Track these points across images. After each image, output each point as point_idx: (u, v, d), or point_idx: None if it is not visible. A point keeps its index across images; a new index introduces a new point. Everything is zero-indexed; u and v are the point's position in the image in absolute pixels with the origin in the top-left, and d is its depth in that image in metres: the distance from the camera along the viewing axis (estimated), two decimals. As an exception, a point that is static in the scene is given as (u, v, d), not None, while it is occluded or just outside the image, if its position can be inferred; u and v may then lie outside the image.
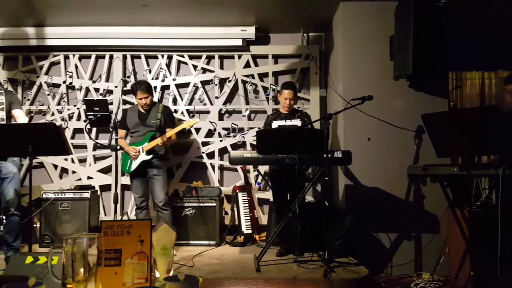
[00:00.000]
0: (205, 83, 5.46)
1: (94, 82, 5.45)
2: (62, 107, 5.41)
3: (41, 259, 2.23)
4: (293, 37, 5.51)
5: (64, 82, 5.44)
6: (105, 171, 5.34)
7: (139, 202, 4.39)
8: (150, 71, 5.44)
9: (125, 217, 4.93)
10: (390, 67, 4.31)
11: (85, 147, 5.40)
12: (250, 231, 4.77)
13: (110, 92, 5.42)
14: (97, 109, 4.32)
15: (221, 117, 5.44)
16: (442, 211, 4.00)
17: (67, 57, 5.48)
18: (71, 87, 5.47)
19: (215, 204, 4.70)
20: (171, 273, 1.59)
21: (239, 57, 5.44)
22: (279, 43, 5.54)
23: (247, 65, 5.44)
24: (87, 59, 5.49)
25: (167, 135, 4.26)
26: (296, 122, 4.20)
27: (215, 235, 4.65)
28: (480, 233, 3.18)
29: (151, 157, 4.29)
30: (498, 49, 4.64)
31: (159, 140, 4.24)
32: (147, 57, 5.47)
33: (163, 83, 5.42)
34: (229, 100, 5.46)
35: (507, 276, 2.64)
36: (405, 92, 4.38)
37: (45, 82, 5.44)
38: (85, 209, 4.56)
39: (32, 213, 3.68)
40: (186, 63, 5.47)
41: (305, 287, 3.17)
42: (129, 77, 5.44)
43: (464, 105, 4.66)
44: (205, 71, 5.48)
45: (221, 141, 5.35)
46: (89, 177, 5.33)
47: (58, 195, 4.59)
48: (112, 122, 4.23)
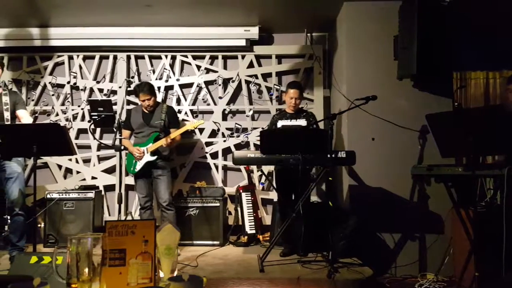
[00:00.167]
0: (208, 83, 5.46)
1: (98, 82, 5.47)
2: (66, 108, 5.43)
3: (45, 259, 2.25)
4: (296, 37, 5.50)
5: (68, 82, 5.46)
6: (109, 171, 5.35)
7: (143, 202, 4.40)
8: (154, 72, 5.45)
9: (129, 217, 4.93)
10: (394, 67, 4.29)
11: (89, 147, 5.42)
12: (253, 231, 4.77)
13: (114, 92, 5.44)
14: (101, 109, 4.33)
15: (224, 117, 5.44)
16: (446, 212, 3.99)
17: (71, 58, 5.50)
18: (75, 87, 5.49)
19: (218, 204, 4.71)
20: (175, 273, 1.59)
21: (243, 57, 5.44)
22: (282, 43, 5.53)
23: (251, 65, 5.44)
24: (91, 60, 5.51)
25: (171, 136, 4.26)
26: (301, 122, 4.20)
27: (219, 235, 4.65)
28: (485, 233, 3.16)
29: (155, 158, 4.30)
30: (502, 48, 4.62)
31: (164, 141, 4.25)
32: (151, 58, 5.48)
33: (167, 84, 5.43)
34: (232, 100, 5.46)
35: (512, 276, 2.63)
36: (409, 92, 4.36)
37: (50, 82, 5.46)
38: (89, 209, 4.57)
39: (36, 213, 3.69)
40: (189, 64, 5.48)
41: (309, 288, 3.17)
42: (133, 77, 5.45)
43: (468, 105, 4.65)
44: (208, 71, 5.48)
45: (224, 141, 5.35)
46: (93, 177, 5.34)
47: (62, 195, 4.60)
48: (116, 122, 4.25)
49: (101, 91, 5.47)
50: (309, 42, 5.49)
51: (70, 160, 5.35)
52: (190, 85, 5.46)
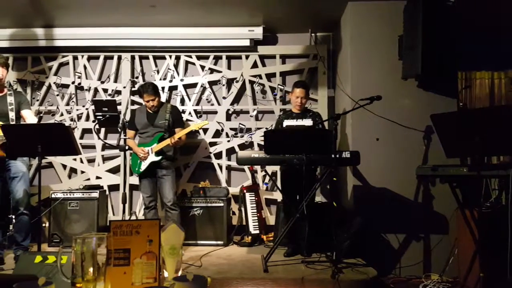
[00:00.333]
0: (212, 83, 5.46)
1: (102, 82, 5.48)
2: (71, 108, 5.45)
3: (50, 258, 2.25)
4: (301, 37, 5.49)
5: (73, 82, 5.47)
6: (114, 171, 5.36)
7: (147, 202, 4.40)
8: (158, 72, 5.46)
9: (133, 217, 4.95)
10: (398, 67, 4.27)
11: (93, 147, 5.43)
12: (257, 232, 4.77)
13: (118, 92, 5.45)
14: (106, 109, 4.35)
15: (228, 118, 5.44)
16: (451, 212, 3.97)
17: (75, 58, 5.52)
18: (79, 87, 5.50)
19: (222, 204, 4.71)
20: (180, 273, 1.59)
21: (247, 57, 5.44)
22: (286, 43, 5.52)
23: (255, 66, 5.44)
24: (96, 60, 5.52)
25: (176, 136, 4.27)
26: (307, 121, 4.19)
27: (223, 235, 4.66)
28: (489, 234, 3.15)
29: (160, 158, 4.31)
30: (507, 48, 4.61)
31: (168, 141, 4.25)
32: (155, 58, 5.49)
33: (171, 84, 5.44)
34: (236, 100, 5.46)
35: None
36: (414, 92, 4.35)
37: (54, 82, 5.48)
38: (93, 208, 4.59)
39: (41, 212, 3.71)
40: (193, 64, 5.48)
41: (313, 288, 3.16)
42: (137, 77, 5.46)
43: (473, 105, 4.63)
44: (212, 71, 5.49)
45: (228, 141, 5.35)
46: (98, 177, 5.35)
47: (67, 194, 4.62)
48: (120, 122, 4.26)
49: (105, 91, 5.48)
50: (313, 42, 5.48)
51: (74, 160, 5.37)
52: (194, 85, 5.46)
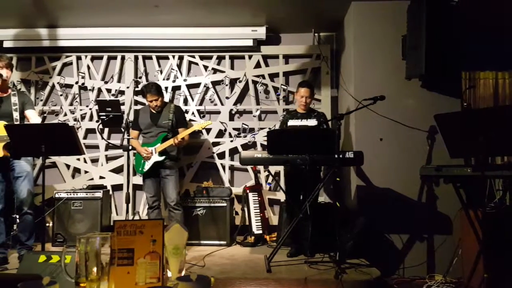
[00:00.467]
0: (215, 83, 5.47)
1: (106, 82, 5.50)
2: (74, 108, 5.46)
3: (54, 258, 2.26)
4: (304, 37, 5.49)
5: (76, 82, 5.49)
6: (117, 171, 5.38)
7: (151, 201, 4.41)
8: (161, 72, 5.47)
9: (137, 217, 4.96)
10: (402, 67, 4.27)
11: (97, 147, 5.44)
12: (260, 232, 4.77)
13: (122, 92, 5.46)
14: (109, 109, 4.35)
15: (231, 118, 5.44)
16: (455, 212, 3.96)
17: (79, 58, 5.53)
18: (83, 87, 5.52)
19: (225, 204, 4.71)
20: (183, 273, 1.59)
21: (250, 57, 5.44)
22: (289, 43, 5.52)
23: (258, 66, 5.44)
24: (99, 60, 5.54)
25: (179, 136, 4.27)
26: (312, 122, 4.19)
27: (226, 235, 4.66)
28: (494, 234, 3.14)
29: (163, 158, 4.31)
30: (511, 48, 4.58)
31: (172, 141, 4.26)
32: (158, 58, 5.50)
33: (174, 84, 5.44)
34: (239, 100, 5.46)
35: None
36: (418, 92, 4.33)
37: (58, 82, 5.49)
38: (97, 208, 4.60)
39: (45, 212, 3.71)
40: (197, 64, 5.49)
41: (316, 288, 3.16)
42: (141, 77, 5.47)
43: (477, 105, 4.61)
44: (215, 71, 5.49)
45: (231, 141, 5.35)
46: (101, 177, 5.37)
47: (70, 194, 4.63)
48: (124, 122, 4.26)
49: (109, 91, 5.49)
50: (316, 42, 5.47)
51: (78, 159, 5.38)
52: (197, 85, 5.47)
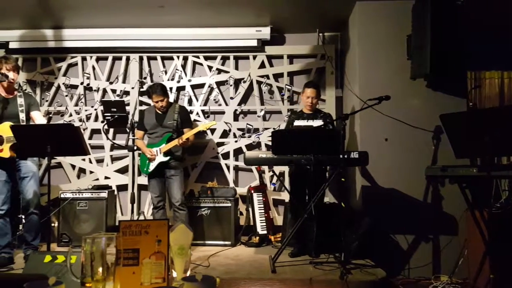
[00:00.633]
0: (220, 83, 5.47)
1: (111, 83, 5.51)
2: (79, 108, 5.48)
3: (59, 258, 2.27)
4: (308, 37, 5.48)
5: (81, 83, 5.51)
6: (122, 171, 5.39)
7: (156, 202, 4.42)
8: (166, 72, 5.48)
9: (142, 217, 4.96)
10: (407, 66, 4.25)
11: (102, 147, 5.46)
12: (265, 232, 4.76)
13: (127, 93, 5.47)
14: (114, 110, 4.36)
15: (236, 118, 5.44)
16: (460, 213, 3.94)
17: (84, 59, 5.55)
18: (88, 88, 5.54)
19: (230, 204, 4.71)
20: (188, 273, 1.59)
21: (254, 57, 5.44)
22: (294, 43, 5.51)
23: (262, 66, 5.44)
24: (104, 61, 5.55)
25: (184, 137, 4.28)
26: (318, 122, 4.17)
27: (230, 235, 4.66)
28: (500, 235, 3.12)
29: (168, 158, 4.32)
30: (517, 48, 4.56)
31: (177, 141, 4.26)
32: (163, 59, 5.51)
33: (179, 84, 5.45)
34: (244, 100, 5.46)
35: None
36: (423, 92, 4.32)
37: (63, 83, 5.51)
38: (102, 208, 4.62)
39: (50, 212, 3.72)
40: (201, 64, 5.49)
41: (321, 289, 3.15)
42: (146, 78, 5.48)
43: (483, 105, 4.59)
44: (220, 71, 5.49)
45: (236, 141, 5.35)
46: (106, 177, 5.38)
47: (75, 194, 4.65)
48: (129, 123, 4.28)
49: (114, 91, 5.51)
50: (321, 42, 5.46)
51: (83, 160, 5.40)
52: (201, 86, 5.47)
